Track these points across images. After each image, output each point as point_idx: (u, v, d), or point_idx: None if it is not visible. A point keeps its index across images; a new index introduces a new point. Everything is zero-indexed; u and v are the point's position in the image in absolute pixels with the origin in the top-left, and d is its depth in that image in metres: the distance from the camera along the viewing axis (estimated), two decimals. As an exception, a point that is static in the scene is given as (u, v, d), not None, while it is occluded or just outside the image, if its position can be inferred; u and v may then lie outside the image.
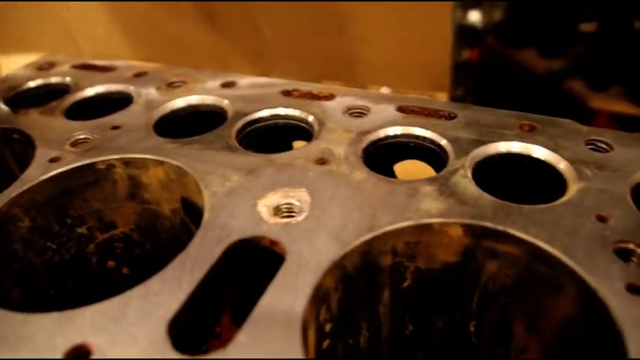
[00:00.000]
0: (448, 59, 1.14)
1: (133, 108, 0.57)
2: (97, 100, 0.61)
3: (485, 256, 0.40)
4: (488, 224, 0.39)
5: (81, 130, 0.53)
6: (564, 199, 0.41)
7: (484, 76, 1.25)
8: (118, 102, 0.59)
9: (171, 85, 0.61)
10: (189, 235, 0.52)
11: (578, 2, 1.13)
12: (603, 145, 0.47)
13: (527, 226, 0.38)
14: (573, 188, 0.42)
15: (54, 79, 0.65)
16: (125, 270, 0.56)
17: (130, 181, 0.50)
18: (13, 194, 0.45)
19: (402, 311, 0.45)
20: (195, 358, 0.30)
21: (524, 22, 1.24)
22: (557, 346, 0.39)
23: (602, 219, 0.39)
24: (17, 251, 0.47)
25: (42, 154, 0.50)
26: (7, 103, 0.61)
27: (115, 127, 0.53)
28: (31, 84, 0.65)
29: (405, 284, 0.43)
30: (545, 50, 1.22)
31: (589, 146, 0.47)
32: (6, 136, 0.56)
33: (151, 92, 0.60)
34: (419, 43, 1.11)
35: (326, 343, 0.39)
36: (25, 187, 0.46)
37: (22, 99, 0.63)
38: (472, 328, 0.46)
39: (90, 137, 0.52)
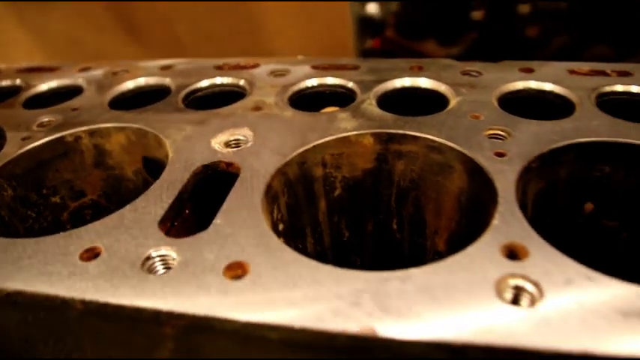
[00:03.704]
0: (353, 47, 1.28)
1: (87, 94, 0.65)
2: (51, 93, 0.69)
3: (394, 158, 0.52)
4: (391, 130, 0.51)
5: (43, 115, 0.61)
6: (447, 109, 0.54)
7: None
8: (70, 93, 0.67)
9: (116, 75, 0.69)
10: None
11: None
12: (474, 73, 0.61)
13: (421, 128, 0.50)
14: (453, 102, 0.55)
15: (5, 82, 0.72)
16: (97, 235, 0.64)
17: (96, 150, 0.58)
18: (-5, 168, 0.53)
19: (338, 218, 0.56)
20: (186, 238, 0.40)
21: (419, 14, 1.39)
22: (458, 216, 0.51)
23: (475, 117, 0.52)
24: (4, 217, 0.54)
25: (14, 136, 0.57)
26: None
27: (75, 109, 0.61)
28: (-16, 88, 0.71)
29: (337, 193, 0.54)
30: (442, 39, 1.37)
31: (464, 75, 0.61)
32: (-29, 132, 0.63)
33: (100, 81, 0.68)
34: (324, 33, 1.23)
35: (280, 240, 0.49)
36: (6, 161, 0.53)
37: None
38: (395, 226, 0.57)
39: (53, 119, 0.60)
